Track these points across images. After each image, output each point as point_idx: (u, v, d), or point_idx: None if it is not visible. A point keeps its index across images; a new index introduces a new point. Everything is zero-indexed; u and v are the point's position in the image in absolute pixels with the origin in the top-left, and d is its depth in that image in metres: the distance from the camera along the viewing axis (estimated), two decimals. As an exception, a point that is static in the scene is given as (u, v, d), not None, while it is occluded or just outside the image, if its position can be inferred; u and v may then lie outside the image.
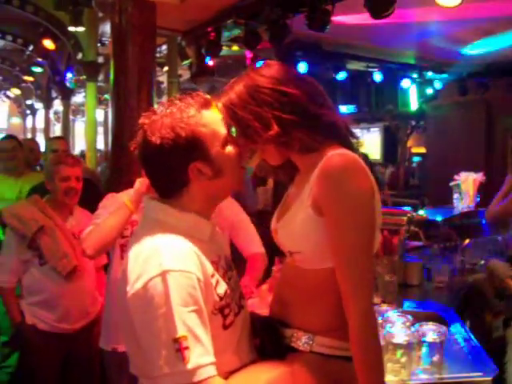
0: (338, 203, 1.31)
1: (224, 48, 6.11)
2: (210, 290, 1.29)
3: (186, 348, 1.18)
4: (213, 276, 1.32)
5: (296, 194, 1.46)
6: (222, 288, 1.34)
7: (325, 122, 1.40)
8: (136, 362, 1.36)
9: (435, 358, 2.20)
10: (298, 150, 1.43)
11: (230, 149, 1.37)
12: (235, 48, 7.70)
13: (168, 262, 1.23)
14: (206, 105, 1.38)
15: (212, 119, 1.36)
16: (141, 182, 2.40)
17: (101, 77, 11.49)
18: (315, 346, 1.40)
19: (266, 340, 1.43)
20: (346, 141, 1.46)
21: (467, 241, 4.28)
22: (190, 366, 1.17)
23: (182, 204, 1.37)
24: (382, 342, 2.14)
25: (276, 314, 1.50)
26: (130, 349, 1.38)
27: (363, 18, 4.80)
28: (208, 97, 1.41)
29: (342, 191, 1.31)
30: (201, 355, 1.19)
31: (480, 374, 2.19)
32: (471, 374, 2.20)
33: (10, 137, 4.55)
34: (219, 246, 1.46)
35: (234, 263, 1.53)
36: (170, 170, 1.34)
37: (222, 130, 1.37)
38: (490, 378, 2.16)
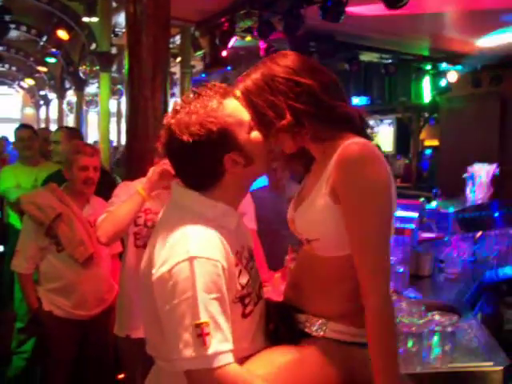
0: (355, 190, 1.33)
1: (239, 39, 6.11)
2: (233, 278, 1.31)
3: (208, 334, 1.20)
4: (236, 265, 1.34)
5: (313, 182, 1.47)
6: (245, 278, 1.37)
7: (338, 113, 1.41)
8: (154, 344, 1.40)
9: (446, 348, 2.21)
10: (311, 139, 1.44)
11: (255, 134, 1.38)
12: (248, 39, 7.69)
13: (195, 248, 1.25)
14: (226, 94, 1.38)
15: (234, 107, 1.37)
16: (153, 171, 2.43)
17: (114, 67, 11.53)
18: (328, 331, 1.42)
19: (280, 325, 1.45)
20: (361, 131, 1.47)
21: (480, 233, 4.27)
22: (210, 351, 1.20)
23: (212, 194, 1.38)
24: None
25: (290, 300, 1.52)
26: (148, 331, 1.42)
27: (377, 9, 4.79)
28: (225, 86, 1.42)
29: (359, 178, 1.33)
30: (221, 342, 1.22)
31: (490, 363, 2.20)
32: (482, 364, 2.21)
33: (25, 126, 4.59)
34: (243, 237, 1.48)
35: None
36: (204, 165, 1.35)
37: (246, 117, 1.38)
38: (500, 368, 2.17)
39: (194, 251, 1.24)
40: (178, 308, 1.22)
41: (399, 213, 3.54)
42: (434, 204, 4.84)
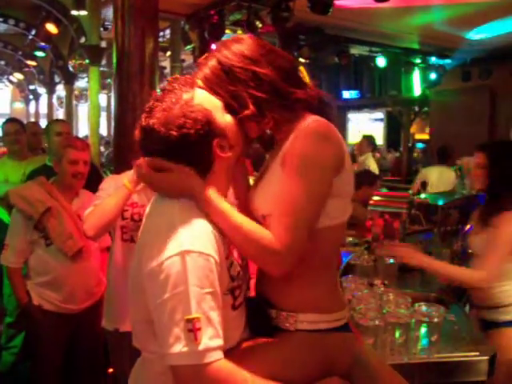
0: (296, 158, 1.34)
1: (228, 32, 6.09)
2: (224, 271, 1.30)
3: (199, 329, 1.19)
4: (227, 257, 1.34)
5: (272, 161, 1.48)
6: (236, 269, 1.37)
7: (296, 99, 1.42)
8: (140, 337, 1.40)
9: (433, 338, 2.24)
10: (274, 124, 1.44)
11: (228, 116, 1.38)
12: (239, 32, 7.67)
13: (188, 242, 1.24)
14: (193, 84, 1.38)
15: (205, 94, 1.37)
16: (139, 164, 2.43)
17: (104, 61, 11.45)
18: (300, 323, 1.41)
19: (254, 321, 1.45)
20: (321, 113, 1.46)
21: (468, 225, 4.30)
22: (200, 347, 1.19)
23: None
24: (381, 322, 2.18)
25: (260, 294, 1.51)
26: (135, 324, 1.42)
27: (366, 2, 4.79)
28: (188, 77, 1.41)
29: (302, 149, 1.34)
30: (212, 338, 1.21)
31: (476, 353, 2.23)
32: (468, 354, 2.23)
33: (13, 120, 4.56)
34: None
35: None
36: (196, 156, 1.33)
37: (217, 101, 1.37)
38: (486, 358, 2.20)
39: (187, 245, 1.23)
40: (169, 302, 1.21)
41: (388, 204, 3.56)
42: (422, 196, 4.87)
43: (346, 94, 12.88)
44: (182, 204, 1.33)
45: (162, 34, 10.22)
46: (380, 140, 16.81)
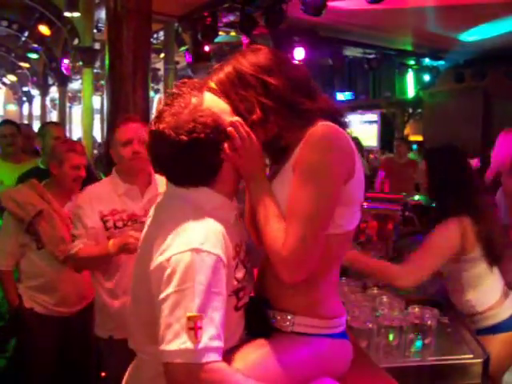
0: (306, 165, 1.34)
1: (222, 33, 6.09)
2: (230, 272, 1.31)
3: (200, 328, 1.19)
4: (234, 259, 1.34)
5: (282, 165, 1.48)
6: (241, 272, 1.37)
7: (305, 110, 1.42)
8: (137, 338, 1.40)
9: (427, 341, 2.23)
10: (280, 130, 1.44)
11: (237, 118, 1.38)
12: (233, 34, 7.66)
13: (198, 241, 1.24)
14: (202, 88, 1.39)
15: (213, 98, 1.38)
16: (117, 244, 2.38)
17: (97, 63, 11.42)
18: (296, 326, 1.42)
19: (252, 320, 1.45)
20: (332, 121, 1.45)
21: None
22: (200, 346, 1.18)
23: (212, 189, 1.38)
24: (375, 325, 2.17)
25: (259, 294, 1.51)
26: (134, 325, 1.42)
27: (360, 3, 4.79)
28: (197, 80, 1.43)
29: (310, 157, 1.34)
30: (212, 338, 1.20)
31: (470, 356, 2.23)
32: (462, 357, 2.23)
33: (9, 122, 4.52)
34: (241, 231, 1.48)
35: None
36: (205, 160, 1.34)
37: (226, 105, 1.39)
38: (480, 361, 2.19)
39: (196, 243, 1.23)
40: (172, 297, 1.20)
41: (381, 206, 3.55)
42: (416, 198, 4.86)
43: (340, 96, 12.90)
44: (193, 203, 1.34)
45: (155, 35, 10.21)
46: (374, 142, 16.84)
